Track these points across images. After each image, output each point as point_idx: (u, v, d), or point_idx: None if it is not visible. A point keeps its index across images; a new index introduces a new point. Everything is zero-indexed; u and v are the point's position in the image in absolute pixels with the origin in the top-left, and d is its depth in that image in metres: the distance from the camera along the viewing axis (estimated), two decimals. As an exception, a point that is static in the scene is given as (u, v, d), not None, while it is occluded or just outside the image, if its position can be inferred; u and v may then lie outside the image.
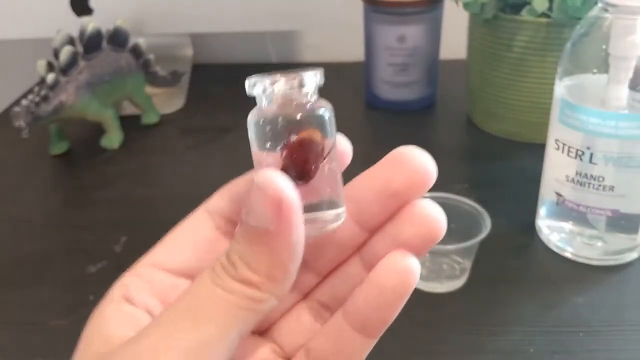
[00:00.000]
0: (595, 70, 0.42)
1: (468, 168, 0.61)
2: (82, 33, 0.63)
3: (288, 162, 0.21)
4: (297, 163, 0.21)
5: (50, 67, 0.61)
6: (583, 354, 0.38)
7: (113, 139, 0.66)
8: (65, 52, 0.60)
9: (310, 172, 0.21)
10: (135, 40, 0.68)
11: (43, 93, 0.59)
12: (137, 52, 0.68)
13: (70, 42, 0.62)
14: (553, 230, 0.47)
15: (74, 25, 0.63)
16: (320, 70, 0.21)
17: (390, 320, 0.21)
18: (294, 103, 0.21)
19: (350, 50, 0.79)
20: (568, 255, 0.46)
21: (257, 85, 0.21)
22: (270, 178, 0.19)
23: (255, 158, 0.22)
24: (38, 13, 0.73)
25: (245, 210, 0.19)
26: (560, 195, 0.45)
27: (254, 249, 0.19)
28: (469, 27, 0.65)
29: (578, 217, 0.45)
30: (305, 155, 0.21)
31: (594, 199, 0.43)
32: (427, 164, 0.21)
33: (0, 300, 0.45)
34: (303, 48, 0.92)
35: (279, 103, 0.21)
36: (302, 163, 0.21)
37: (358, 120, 0.72)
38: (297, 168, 0.21)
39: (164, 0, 0.75)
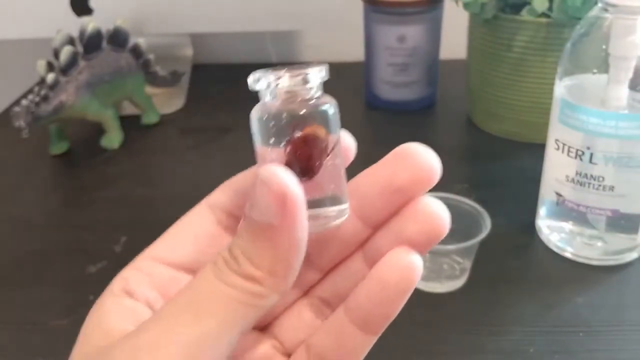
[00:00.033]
0: (595, 70, 0.42)
1: (468, 168, 0.61)
2: (82, 33, 0.63)
3: (292, 157, 0.20)
4: (301, 159, 0.21)
5: (50, 67, 0.61)
6: (583, 354, 0.38)
7: (113, 139, 0.66)
8: (65, 52, 0.60)
9: (314, 168, 0.21)
10: (135, 40, 0.68)
11: (43, 93, 0.59)
12: (137, 52, 0.68)
13: (70, 42, 0.62)
14: (553, 230, 0.47)
15: (74, 25, 0.63)
16: (325, 66, 0.21)
17: (392, 317, 0.21)
18: (298, 99, 0.21)
19: (350, 50, 0.79)
20: (568, 255, 0.46)
21: (261, 81, 0.21)
22: (275, 173, 0.19)
23: (259, 153, 0.21)
24: (38, 13, 0.73)
25: (249, 205, 0.19)
26: (560, 195, 0.45)
27: (257, 244, 0.19)
28: (469, 27, 0.65)
29: (578, 217, 0.45)
30: (309, 151, 0.21)
31: (594, 199, 0.43)
32: (431, 161, 0.21)
33: (0, 300, 0.45)
34: (303, 48, 0.92)
35: (283, 98, 0.21)
36: (306, 159, 0.21)
37: (358, 120, 0.72)
38: (301, 164, 0.20)
39: (164, 0, 0.75)
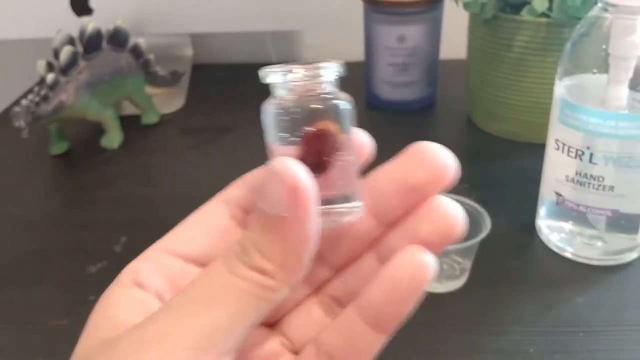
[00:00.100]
0: (595, 70, 0.42)
1: (468, 168, 0.61)
2: (82, 33, 0.63)
3: (304, 153, 0.20)
4: (312, 154, 0.20)
5: (50, 67, 0.61)
6: (583, 354, 0.38)
7: (113, 139, 0.66)
8: (65, 52, 0.60)
9: (326, 163, 0.21)
10: (135, 40, 0.68)
11: (43, 93, 0.59)
12: (137, 52, 0.68)
13: (70, 42, 0.62)
14: (553, 230, 0.47)
15: (74, 25, 0.63)
16: (341, 63, 0.21)
17: (403, 316, 0.21)
18: (312, 94, 0.21)
19: (350, 50, 0.79)
20: (568, 255, 0.46)
21: (275, 75, 0.20)
22: (287, 165, 0.19)
23: (270, 148, 0.21)
24: (38, 13, 0.73)
25: (261, 197, 0.19)
26: (560, 195, 0.45)
27: (269, 237, 0.19)
28: (469, 27, 0.65)
29: (578, 217, 0.45)
30: (321, 147, 0.20)
31: (594, 199, 0.43)
32: (448, 160, 0.21)
33: (0, 300, 0.45)
34: (303, 48, 0.92)
35: (297, 93, 0.21)
36: (317, 154, 0.20)
37: (358, 120, 0.72)
38: (312, 159, 0.20)
39: (164, 0, 0.75)
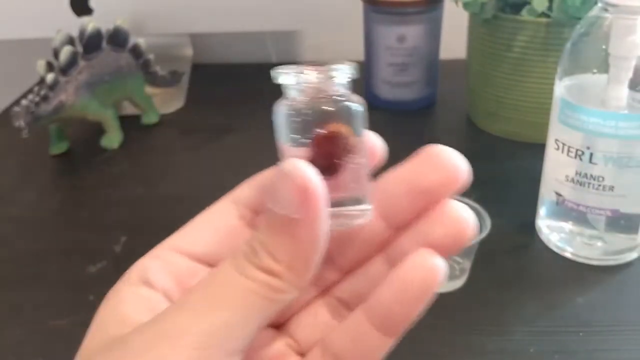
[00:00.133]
0: (595, 70, 0.42)
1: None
2: (82, 33, 0.63)
3: (315, 154, 0.20)
4: (323, 156, 0.20)
5: (50, 67, 0.61)
6: (583, 354, 0.38)
7: (113, 139, 0.66)
8: (65, 52, 0.60)
9: (337, 166, 0.20)
10: (135, 40, 0.68)
11: (43, 93, 0.59)
12: (137, 52, 0.68)
13: (70, 42, 0.62)
14: (553, 230, 0.47)
15: (74, 25, 0.63)
16: (354, 64, 0.21)
17: (412, 320, 0.21)
18: (324, 95, 0.21)
19: (350, 50, 0.79)
20: (568, 255, 0.46)
21: (287, 75, 0.20)
22: (298, 166, 0.19)
23: (281, 149, 0.21)
24: (38, 13, 0.73)
25: (270, 198, 0.19)
26: (560, 195, 0.45)
27: (277, 238, 0.19)
28: (469, 27, 0.65)
29: (578, 217, 0.45)
30: (332, 149, 0.20)
31: (594, 199, 0.43)
32: (460, 163, 0.21)
33: (0, 300, 0.45)
34: (303, 48, 0.92)
35: (309, 95, 0.21)
36: (328, 156, 0.20)
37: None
38: (323, 161, 0.20)
39: (164, 0, 0.75)
